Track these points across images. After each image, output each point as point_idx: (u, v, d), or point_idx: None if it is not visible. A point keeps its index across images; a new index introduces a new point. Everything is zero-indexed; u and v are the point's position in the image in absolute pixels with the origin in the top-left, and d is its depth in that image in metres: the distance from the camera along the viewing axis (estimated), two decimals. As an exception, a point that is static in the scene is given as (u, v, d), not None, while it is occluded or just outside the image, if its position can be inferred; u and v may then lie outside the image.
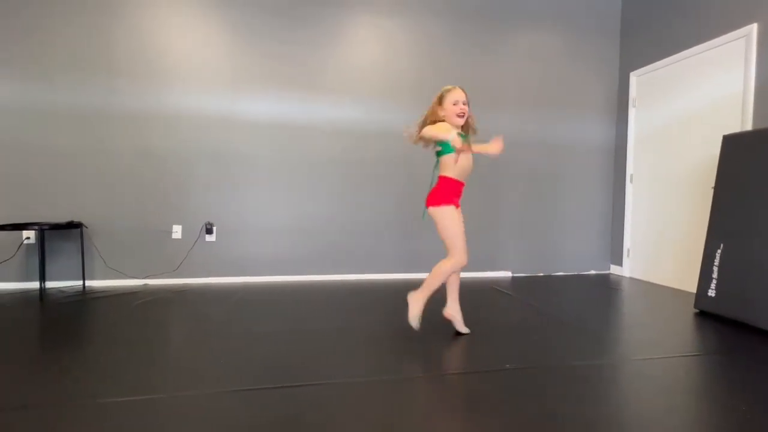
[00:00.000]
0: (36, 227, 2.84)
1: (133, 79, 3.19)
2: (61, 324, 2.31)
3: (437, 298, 2.14)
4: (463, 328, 2.13)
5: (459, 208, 2.05)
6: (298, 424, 1.30)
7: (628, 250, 3.87)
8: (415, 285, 2.13)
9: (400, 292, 2.94)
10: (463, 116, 1.98)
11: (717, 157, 2.87)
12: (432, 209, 1.98)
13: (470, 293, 3.07)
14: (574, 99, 3.94)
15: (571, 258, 3.98)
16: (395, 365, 1.74)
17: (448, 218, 1.95)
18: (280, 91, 3.44)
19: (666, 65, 3.50)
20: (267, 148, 3.42)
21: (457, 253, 1.95)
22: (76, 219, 3.11)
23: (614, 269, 4.03)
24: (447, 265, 1.96)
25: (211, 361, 1.75)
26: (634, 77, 3.83)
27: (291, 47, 3.43)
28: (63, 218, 3.08)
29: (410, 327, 2.10)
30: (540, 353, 1.90)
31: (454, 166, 1.97)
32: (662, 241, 3.52)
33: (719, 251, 2.56)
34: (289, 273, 3.48)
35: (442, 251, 2.05)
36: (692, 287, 3.12)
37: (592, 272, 4.03)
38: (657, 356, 1.89)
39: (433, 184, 2.05)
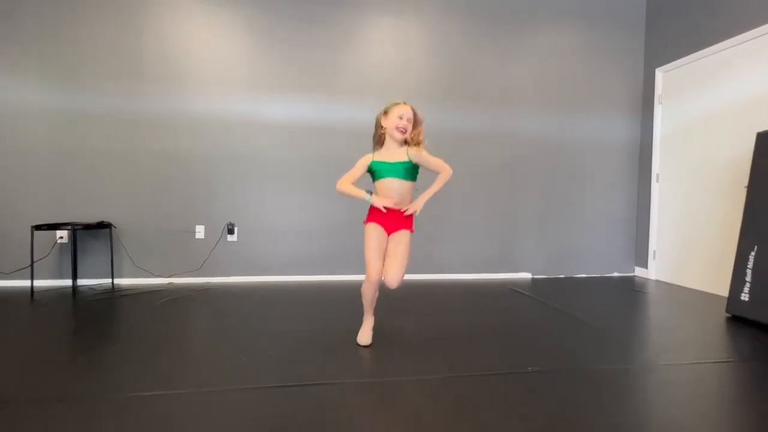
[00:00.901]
0: (69, 227, 2.97)
1: (159, 84, 3.29)
2: (93, 320, 2.40)
3: (469, 308, 2.13)
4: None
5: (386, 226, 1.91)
6: (319, 423, 1.32)
7: (654, 252, 3.75)
8: (432, 286, 2.12)
9: (420, 293, 2.94)
10: (404, 133, 1.87)
11: (749, 155, 2.75)
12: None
13: (489, 294, 3.04)
14: (596, 96, 3.85)
15: (594, 259, 3.89)
16: (416, 366, 1.74)
17: (366, 235, 1.90)
18: (300, 94, 3.49)
19: (694, 60, 3.38)
20: (287, 150, 3.47)
21: (367, 272, 1.87)
22: (105, 219, 3.23)
23: (639, 271, 3.91)
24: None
25: (234, 359, 1.79)
26: (660, 73, 3.71)
27: (309, 50, 3.47)
28: (93, 219, 3.21)
29: (430, 328, 2.09)
30: (563, 356, 1.87)
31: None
32: (691, 243, 3.40)
33: (753, 253, 2.46)
34: (310, 273, 3.52)
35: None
36: (723, 291, 3.00)
37: (616, 274, 3.92)
38: (686, 362, 1.83)
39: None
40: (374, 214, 1.92)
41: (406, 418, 1.37)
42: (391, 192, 1.89)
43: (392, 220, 1.91)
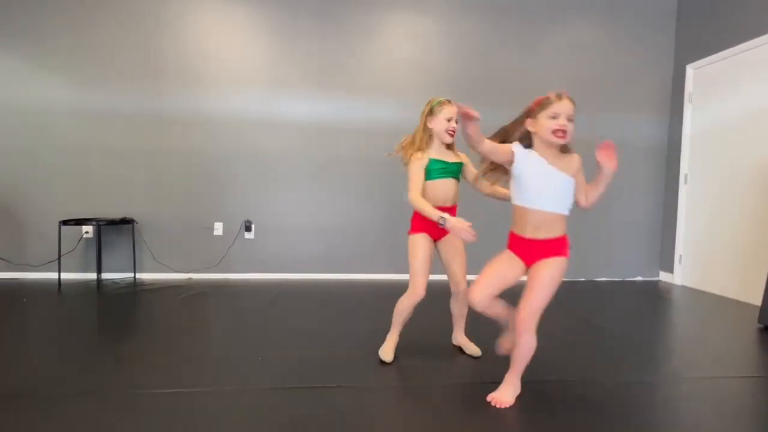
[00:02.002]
0: (94, 223, 3.06)
1: (181, 83, 3.35)
2: (116, 314, 2.47)
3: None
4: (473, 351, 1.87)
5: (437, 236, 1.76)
6: (334, 427, 1.31)
7: (680, 256, 3.61)
8: (449, 287, 2.09)
9: (439, 294, 2.91)
10: (453, 135, 1.75)
11: (788, 157, 2.60)
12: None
13: (505, 298, 2.98)
14: (621, 94, 3.71)
15: (616, 263, 3.77)
16: (431, 372, 1.72)
17: (412, 246, 1.76)
18: (318, 91, 3.49)
19: (727, 57, 3.21)
20: (305, 148, 3.48)
21: (412, 285, 1.74)
22: (128, 215, 3.32)
23: (664, 276, 3.77)
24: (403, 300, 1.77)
25: (250, 357, 1.81)
26: (691, 70, 3.55)
27: (328, 47, 3.46)
28: (117, 215, 3.30)
29: (443, 332, 2.06)
30: (582, 365, 1.81)
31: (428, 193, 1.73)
32: (720, 247, 3.25)
33: (789, 261, 2.32)
34: (326, 271, 3.54)
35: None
36: (755, 299, 2.86)
37: (639, 279, 3.79)
38: (715, 375, 1.74)
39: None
40: (422, 224, 1.76)
41: (418, 424, 1.35)
42: (448, 193, 1.77)
43: (441, 229, 1.69)
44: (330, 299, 2.87)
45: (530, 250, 1.44)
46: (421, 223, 1.78)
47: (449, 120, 1.74)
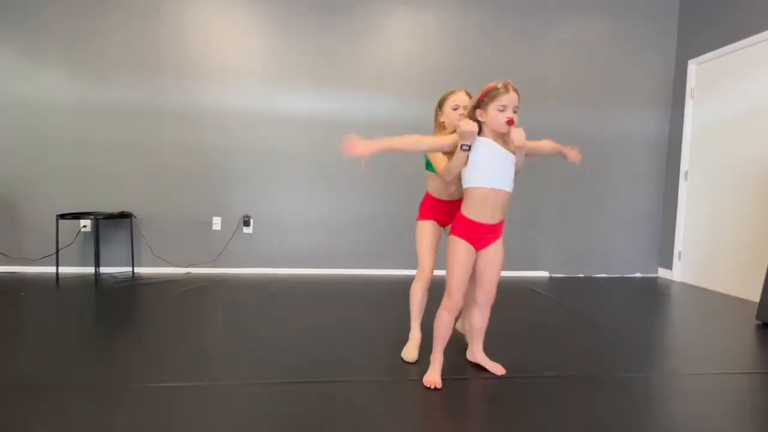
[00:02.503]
0: (91, 217, 3.05)
1: (180, 77, 3.32)
2: (114, 308, 2.47)
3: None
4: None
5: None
6: (331, 422, 1.31)
7: (680, 253, 3.61)
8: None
9: (438, 289, 2.91)
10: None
11: (789, 153, 2.59)
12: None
13: (504, 293, 2.96)
14: (623, 89, 3.69)
15: (615, 259, 3.77)
16: (426, 367, 1.72)
17: (419, 232, 1.73)
18: (319, 86, 3.46)
19: (730, 52, 3.19)
20: (304, 143, 3.46)
21: (420, 267, 1.69)
22: (126, 210, 3.30)
23: (663, 273, 3.77)
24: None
25: (247, 352, 1.81)
26: (693, 65, 3.52)
27: (329, 41, 3.43)
28: (115, 209, 3.28)
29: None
30: (581, 361, 1.81)
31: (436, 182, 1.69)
32: (720, 244, 3.25)
33: (788, 258, 2.32)
34: (325, 266, 3.53)
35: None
36: (754, 296, 2.86)
37: (638, 275, 3.79)
38: (713, 371, 1.74)
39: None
40: (429, 210, 1.76)
41: (417, 420, 1.35)
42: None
43: (451, 216, 1.65)
44: (328, 294, 2.87)
45: (485, 235, 1.52)
46: (428, 210, 1.78)
47: (455, 108, 1.69)
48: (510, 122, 1.41)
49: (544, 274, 3.70)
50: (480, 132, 1.47)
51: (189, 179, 3.38)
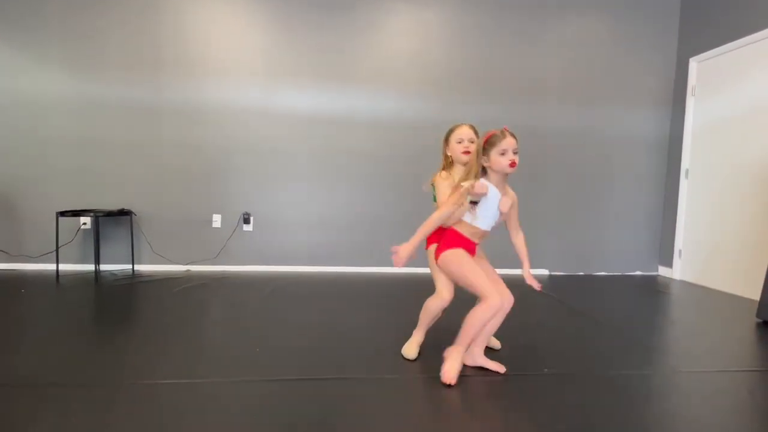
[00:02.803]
0: (91, 214, 3.05)
1: (179, 75, 3.31)
2: (114, 306, 2.47)
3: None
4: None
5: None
6: (330, 419, 1.31)
7: (680, 251, 3.60)
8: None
9: (432, 287, 2.91)
10: (468, 154, 1.71)
11: (791, 151, 2.58)
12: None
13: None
14: (623, 87, 3.67)
15: (615, 257, 3.76)
16: (428, 364, 1.72)
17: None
18: (318, 84, 3.45)
19: (732, 50, 3.17)
20: (304, 141, 3.45)
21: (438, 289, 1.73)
22: (126, 207, 3.30)
23: (663, 271, 3.76)
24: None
25: (247, 349, 1.81)
26: (694, 63, 3.51)
27: (329, 39, 3.42)
28: (115, 206, 3.28)
29: (443, 325, 2.06)
30: (580, 358, 1.81)
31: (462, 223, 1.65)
32: (720, 242, 3.24)
33: (789, 256, 2.32)
34: (324, 264, 3.53)
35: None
36: (754, 294, 2.86)
37: (638, 273, 3.79)
38: (713, 369, 1.74)
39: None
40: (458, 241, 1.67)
41: (414, 417, 1.35)
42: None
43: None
44: (328, 292, 2.87)
45: (473, 248, 1.71)
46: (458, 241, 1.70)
47: (460, 142, 1.75)
48: (512, 164, 1.54)
49: (544, 272, 3.70)
50: (485, 174, 1.60)
51: (189, 177, 3.38)
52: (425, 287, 2.45)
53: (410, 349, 1.78)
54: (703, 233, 3.40)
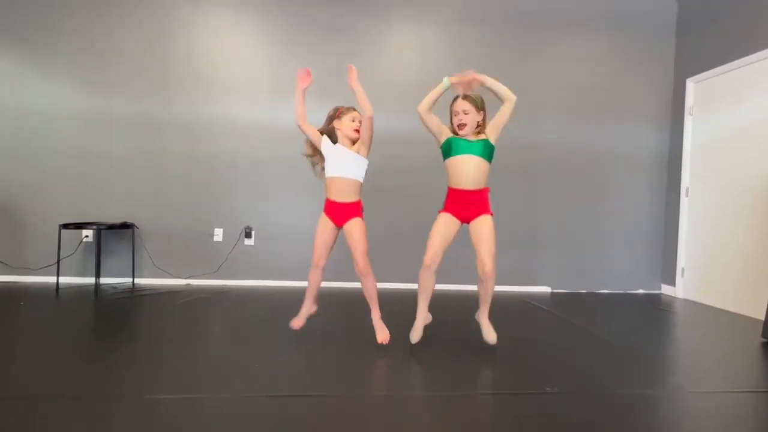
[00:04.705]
0: (94, 227, 3.06)
1: (184, 89, 3.38)
2: (113, 319, 2.45)
3: (471, 314, 2.07)
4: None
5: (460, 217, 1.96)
6: (329, 435, 1.29)
7: (683, 270, 3.58)
8: (447, 297, 2.08)
9: (433, 303, 2.89)
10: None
11: (789, 170, 2.60)
12: None
13: (505, 308, 2.96)
14: (622, 106, 3.73)
15: (617, 275, 3.74)
16: (428, 381, 1.70)
17: (436, 223, 1.98)
18: (320, 100, 3.50)
19: (728, 71, 3.24)
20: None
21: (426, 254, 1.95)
22: (128, 220, 3.32)
23: (666, 289, 3.74)
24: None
25: (247, 364, 1.79)
26: (691, 83, 3.57)
27: (331, 57, 3.49)
28: (117, 219, 3.30)
29: (446, 341, 2.04)
30: (584, 377, 1.78)
31: (450, 173, 1.97)
32: (723, 261, 3.23)
33: (792, 275, 2.31)
34: (325, 279, 3.49)
35: (471, 264, 2.00)
36: (758, 313, 2.83)
37: (641, 291, 3.76)
38: (719, 390, 1.71)
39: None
40: (449, 205, 1.97)
41: (418, 436, 1.32)
42: (459, 168, 1.98)
43: (468, 208, 1.93)
44: (329, 307, 2.85)
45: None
46: (448, 204, 1.98)
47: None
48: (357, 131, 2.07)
49: (546, 289, 3.67)
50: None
51: (192, 191, 3.41)
52: (432, 303, 2.42)
53: (415, 333, 1.93)
54: (705, 252, 3.40)
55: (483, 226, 1.89)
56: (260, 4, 3.43)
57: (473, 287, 3.75)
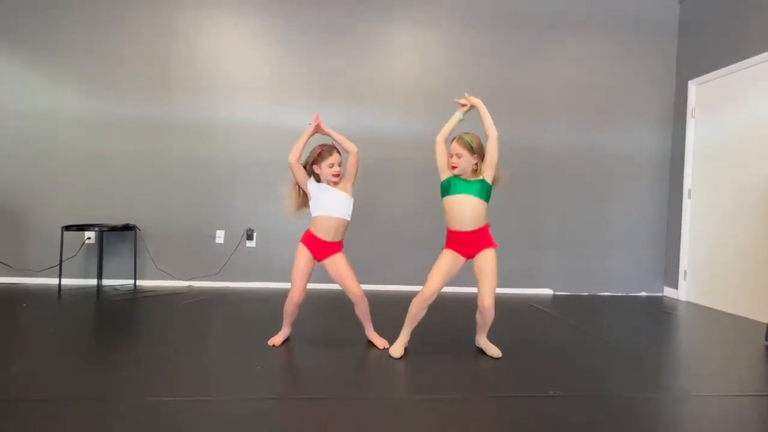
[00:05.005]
0: (96, 228, 3.07)
1: (186, 92, 3.39)
2: (115, 321, 2.45)
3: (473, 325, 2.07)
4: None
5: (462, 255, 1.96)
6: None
7: (685, 272, 3.57)
8: (448, 299, 2.08)
9: (435, 306, 2.88)
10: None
11: (793, 172, 2.59)
12: None
13: (507, 311, 2.95)
14: (624, 108, 3.72)
15: (620, 277, 3.73)
16: (428, 384, 1.69)
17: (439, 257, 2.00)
18: (322, 103, 3.52)
19: (730, 73, 3.23)
20: (307, 158, 3.49)
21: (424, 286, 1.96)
22: (131, 222, 3.32)
23: (668, 292, 3.72)
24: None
25: (248, 367, 1.79)
26: (693, 85, 3.57)
27: (333, 60, 3.51)
28: (119, 221, 3.30)
29: (447, 345, 2.03)
30: (587, 380, 1.77)
31: (448, 214, 1.97)
32: (726, 263, 3.22)
33: (796, 278, 2.29)
34: (327, 281, 3.50)
35: (473, 266, 2.00)
36: (762, 316, 2.81)
37: (643, 294, 3.75)
38: (724, 393, 1.70)
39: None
40: (451, 244, 1.97)
41: (419, 439, 1.32)
42: (455, 208, 1.96)
43: (471, 247, 1.94)
44: (330, 309, 2.85)
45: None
46: (450, 244, 1.98)
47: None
48: (336, 177, 2.04)
49: (548, 291, 3.66)
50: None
51: (194, 193, 3.42)
52: (430, 307, 2.41)
53: (396, 348, 1.94)
54: (708, 254, 3.38)
55: (486, 261, 1.91)
56: (261, 6, 3.45)
57: (473, 288, 3.74)
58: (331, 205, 2.01)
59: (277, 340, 2.07)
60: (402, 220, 3.56)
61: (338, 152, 2.06)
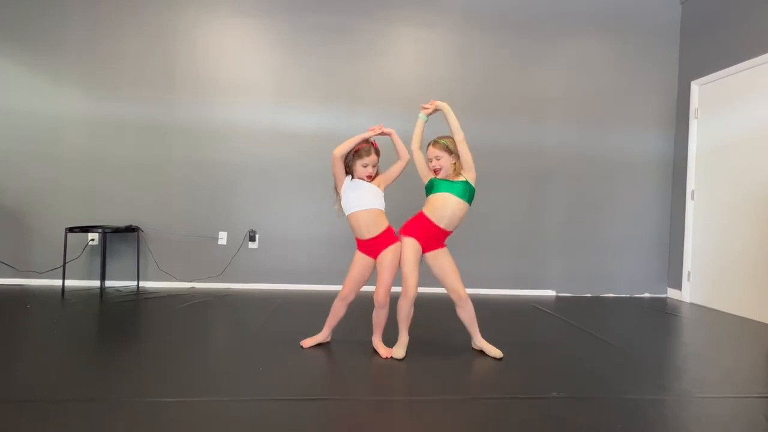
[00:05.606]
0: (100, 230, 3.09)
1: (189, 94, 3.41)
2: (118, 322, 2.46)
3: (489, 326, 2.07)
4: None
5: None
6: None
7: (689, 273, 3.55)
8: (450, 301, 2.07)
9: (437, 308, 2.88)
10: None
11: (797, 173, 2.58)
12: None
13: (510, 312, 2.94)
14: (626, 109, 3.72)
15: (623, 279, 3.72)
16: (431, 386, 1.69)
17: (404, 248, 2.04)
18: (324, 104, 3.53)
19: (733, 73, 3.22)
20: (310, 160, 3.50)
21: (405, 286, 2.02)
22: (134, 224, 3.34)
23: (672, 293, 3.71)
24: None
25: (250, 368, 1.79)
26: (696, 86, 3.56)
27: (335, 61, 3.52)
28: (123, 222, 3.32)
29: (449, 346, 2.03)
30: (591, 382, 1.77)
31: (429, 204, 2.03)
32: (729, 264, 3.20)
33: (801, 279, 2.28)
34: (330, 282, 3.51)
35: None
36: (766, 318, 2.80)
37: (647, 295, 3.73)
38: (728, 395, 1.69)
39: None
40: (412, 230, 2.03)
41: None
42: (439, 204, 2.01)
43: (430, 241, 2.00)
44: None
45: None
46: (411, 228, 2.05)
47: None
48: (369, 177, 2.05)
49: (551, 293, 3.65)
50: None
51: (197, 194, 3.43)
52: (432, 306, 2.42)
53: (398, 349, 1.95)
54: (712, 255, 3.37)
55: (445, 261, 2.00)
56: (262, 7, 3.47)
57: (473, 289, 3.73)
58: (362, 197, 2.01)
59: (309, 342, 2.06)
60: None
61: (377, 154, 2.05)
